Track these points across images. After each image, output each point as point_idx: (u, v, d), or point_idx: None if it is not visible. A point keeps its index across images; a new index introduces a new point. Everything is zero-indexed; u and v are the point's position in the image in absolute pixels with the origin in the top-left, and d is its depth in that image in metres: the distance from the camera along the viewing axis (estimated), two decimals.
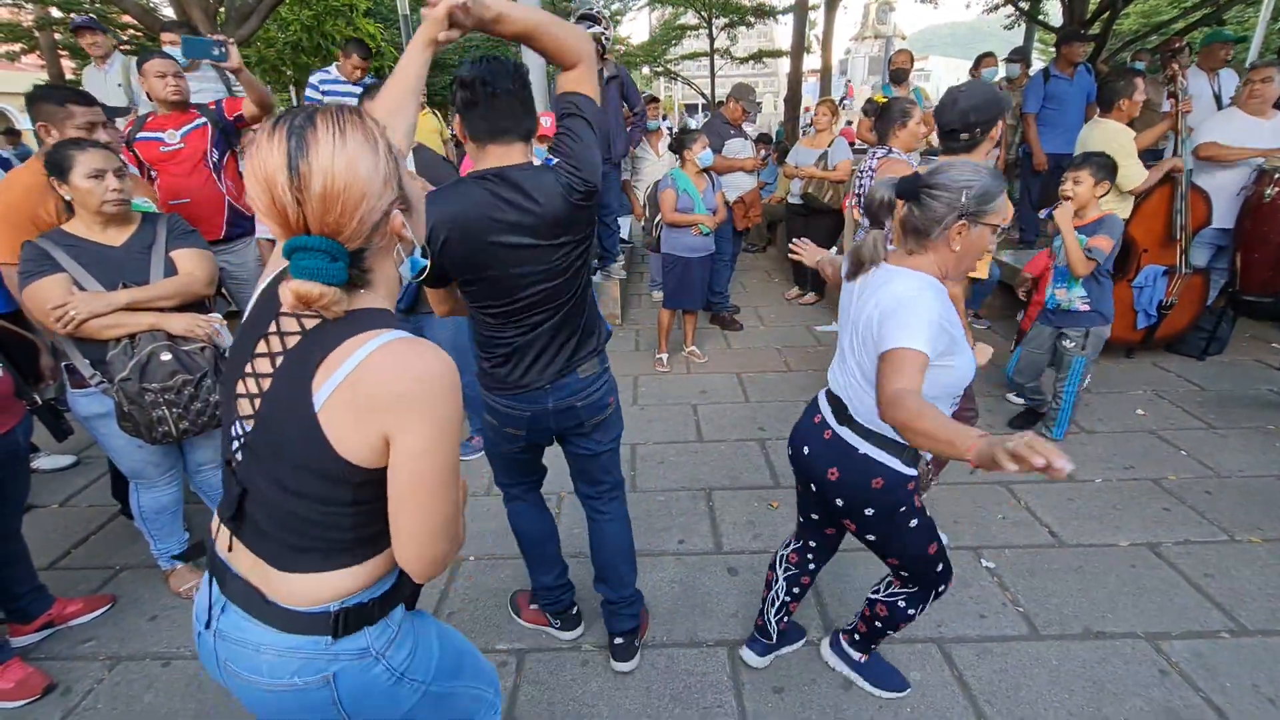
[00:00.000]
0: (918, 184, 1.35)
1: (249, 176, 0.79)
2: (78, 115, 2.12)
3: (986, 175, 1.32)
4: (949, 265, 1.38)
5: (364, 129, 0.81)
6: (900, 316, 1.29)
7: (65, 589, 2.25)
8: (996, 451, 0.92)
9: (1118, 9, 8.94)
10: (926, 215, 1.33)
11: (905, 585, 1.64)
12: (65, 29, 8.90)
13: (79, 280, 1.86)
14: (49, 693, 1.89)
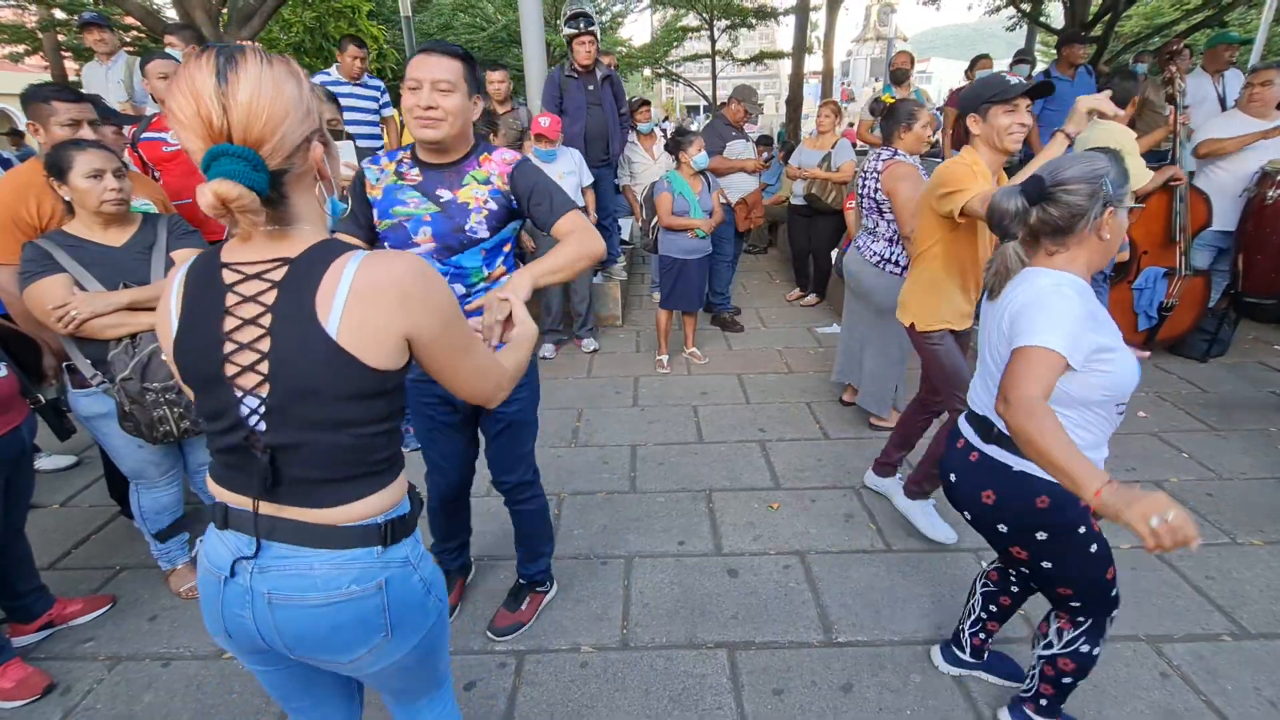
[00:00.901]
0: (1047, 185, 1.31)
1: (173, 91, 0.79)
2: (60, 111, 2.12)
3: (1111, 159, 1.30)
4: (1097, 257, 1.34)
5: (289, 66, 0.86)
6: (1037, 311, 1.23)
7: (66, 589, 2.25)
8: (1133, 517, 0.91)
9: (1119, 11, 8.95)
10: (1069, 212, 1.29)
11: (1076, 625, 1.48)
12: (69, 30, 8.93)
13: (80, 280, 1.87)
14: (49, 692, 1.89)
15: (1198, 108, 4.47)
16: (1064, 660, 1.52)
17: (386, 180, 1.67)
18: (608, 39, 17.00)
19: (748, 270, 6.49)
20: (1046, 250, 1.35)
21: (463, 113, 1.56)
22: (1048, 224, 1.32)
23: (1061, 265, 1.34)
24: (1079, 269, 1.33)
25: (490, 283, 1.68)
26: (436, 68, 1.51)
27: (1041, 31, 10.91)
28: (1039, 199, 1.32)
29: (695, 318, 4.38)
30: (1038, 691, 1.61)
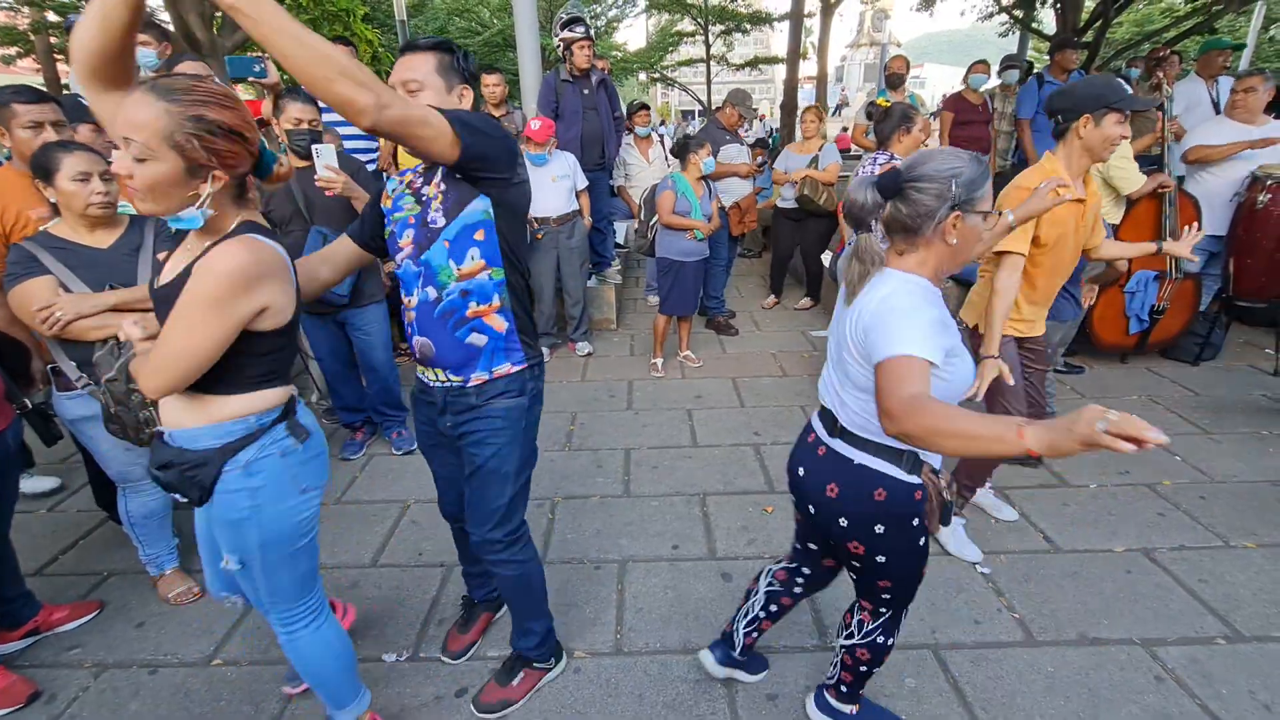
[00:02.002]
0: (900, 179, 1.26)
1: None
2: (21, 114, 2.11)
3: (970, 161, 1.25)
4: (945, 261, 1.29)
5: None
6: (895, 321, 1.19)
7: (52, 595, 2.22)
8: (1080, 434, 0.86)
9: (1110, 17, 9.02)
10: (917, 210, 1.24)
11: (876, 616, 1.53)
12: (61, 32, 8.90)
13: (65, 282, 1.85)
14: (33, 701, 1.86)
15: (1191, 112, 4.50)
16: (861, 650, 1.57)
17: (399, 189, 1.56)
18: (603, 44, 17.04)
19: (742, 274, 6.50)
20: (896, 249, 1.32)
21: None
22: (895, 221, 1.28)
23: (911, 267, 1.29)
24: (928, 272, 1.29)
25: (464, 281, 1.46)
26: (404, 68, 1.42)
27: (1034, 37, 10.99)
28: (893, 194, 1.27)
29: (690, 321, 4.38)
30: (839, 679, 1.68)
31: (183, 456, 1.28)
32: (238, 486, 1.31)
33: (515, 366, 1.56)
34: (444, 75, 1.45)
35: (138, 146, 1.11)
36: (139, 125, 1.10)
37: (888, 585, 1.46)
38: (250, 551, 1.37)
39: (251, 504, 1.32)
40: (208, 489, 1.30)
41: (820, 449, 1.45)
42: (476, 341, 1.51)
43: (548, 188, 4.05)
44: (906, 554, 1.41)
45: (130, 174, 1.12)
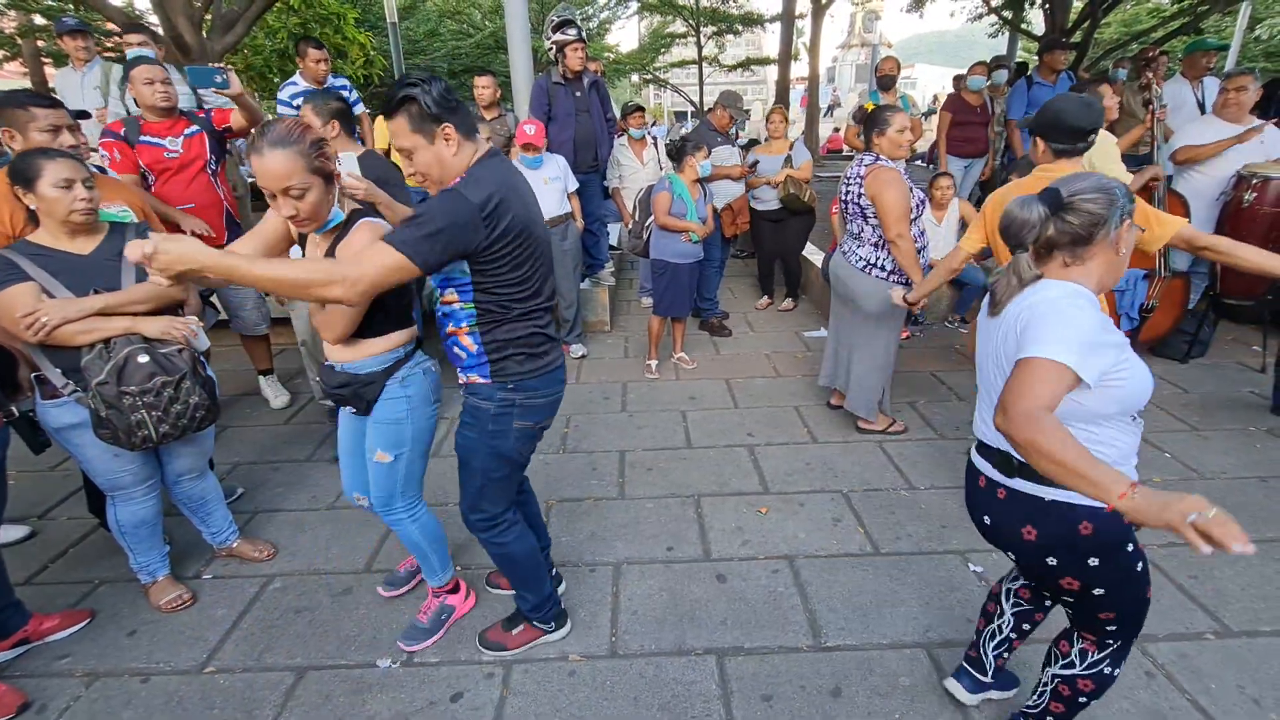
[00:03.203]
0: (1065, 195, 1.27)
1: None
2: (40, 118, 2.10)
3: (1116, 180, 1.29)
4: (1110, 272, 1.30)
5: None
6: (1050, 322, 1.17)
7: (43, 604, 2.20)
8: (1172, 516, 0.87)
9: (1098, 18, 9.10)
10: (1090, 220, 1.24)
11: (1103, 647, 1.44)
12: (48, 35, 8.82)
13: (48, 288, 1.84)
14: (23, 711, 1.85)
15: (1177, 112, 4.55)
16: (1084, 681, 1.47)
17: None
18: (595, 45, 17.04)
19: (735, 276, 6.51)
20: (1062, 262, 1.30)
21: (432, 161, 1.55)
22: (1066, 234, 1.27)
23: (1076, 278, 1.29)
24: (1092, 284, 1.29)
25: (445, 305, 1.68)
26: (392, 135, 1.53)
27: (1023, 38, 11.08)
28: (1059, 208, 1.28)
29: (684, 323, 4.39)
30: (1046, 709, 1.56)
31: (356, 378, 1.78)
32: (399, 395, 1.82)
33: (482, 380, 1.73)
34: (420, 129, 1.50)
35: (295, 189, 1.53)
36: (287, 173, 1.51)
37: (1111, 617, 1.39)
38: (404, 444, 1.86)
39: (409, 407, 1.84)
40: (374, 400, 1.80)
41: (999, 491, 1.38)
42: (458, 354, 1.73)
43: (540, 190, 4.04)
44: (1125, 582, 1.34)
45: (297, 211, 1.56)
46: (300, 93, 4.44)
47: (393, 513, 1.96)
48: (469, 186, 1.49)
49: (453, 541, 2.46)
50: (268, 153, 1.48)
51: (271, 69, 9.42)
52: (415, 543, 2.02)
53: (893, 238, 2.91)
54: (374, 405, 1.81)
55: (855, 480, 2.93)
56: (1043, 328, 1.17)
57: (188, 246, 1.23)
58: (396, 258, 1.40)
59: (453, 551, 2.32)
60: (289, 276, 1.33)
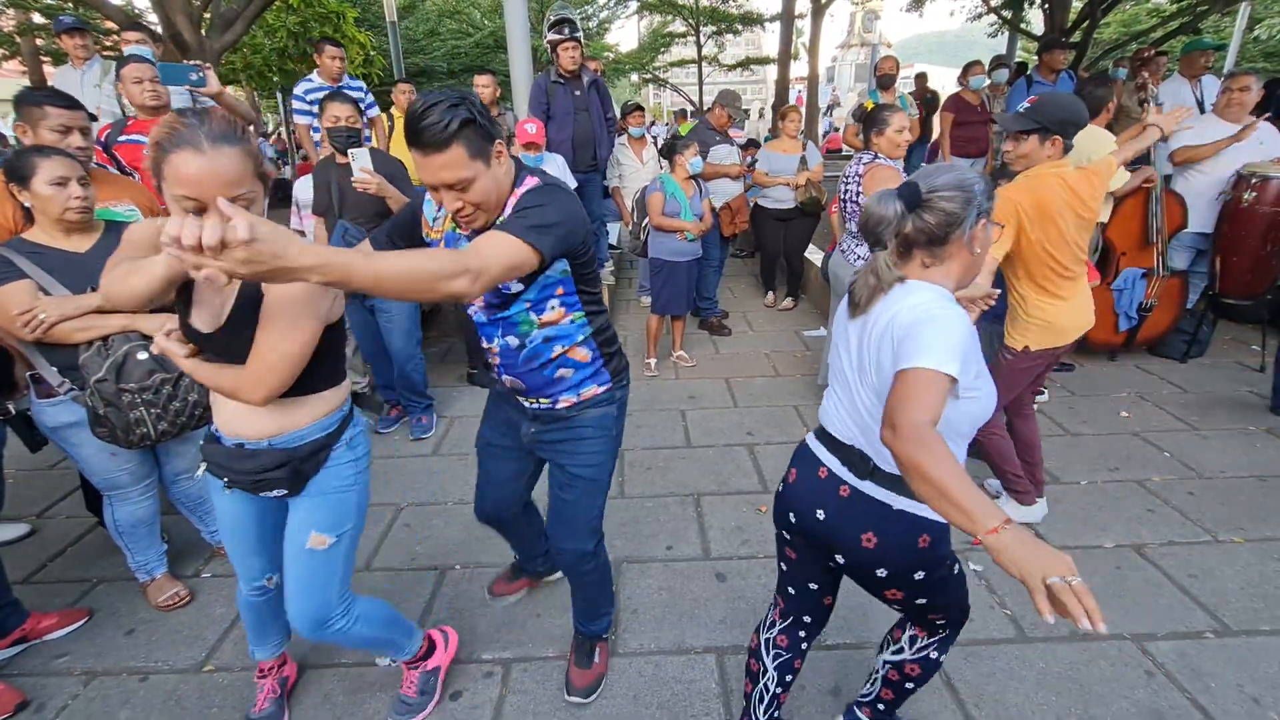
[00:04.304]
0: (923, 191, 1.23)
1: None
2: (53, 116, 2.10)
3: (977, 173, 1.26)
4: (967, 272, 1.28)
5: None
6: (929, 332, 1.13)
7: (41, 603, 2.20)
8: (1031, 569, 0.82)
9: (1097, 18, 9.11)
10: (946, 220, 1.21)
11: (933, 633, 1.45)
12: (47, 34, 8.81)
13: (44, 286, 1.83)
14: (21, 710, 1.84)
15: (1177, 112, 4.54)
16: (910, 665, 1.49)
17: (446, 224, 1.49)
18: (595, 45, 17.04)
19: (734, 275, 6.51)
20: (921, 262, 1.27)
21: (491, 189, 1.33)
22: (923, 232, 1.23)
23: (937, 279, 1.26)
24: (951, 284, 1.27)
25: (546, 329, 1.50)
26: (441, 169, 1.26)
27: (1022, 38, 11.09)
28: (917, 204, 1.24)
29: (684, 321, 4.39)
30: (877, 696, 1.59)
31: (296, 454, 1.42)
32: (345, 460, 1.51)
33: (602, 387, 1.63)
34: (480, 153, 1.28)
35: (245, 198, 1.18)
36: (239, 177, 1.17)
37: (938, 616, 1.40)
38: (349, 519, 1.53)
39: (355, 472, 1.53)
40: (314, 474, 1.47)
41: (842, 489, 1.31)
42: (564, 375, 1.57)
43: None
44: (947, 588, 1.35)
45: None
46: (315, 89, 4.45)
47: (329, 626, 1.53)
48: (550, 181, 1.40)
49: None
50: (213, 150, 1.12)
51: (270, 68, 9.40)
52: (369, 639, 1.66)
53: None
54: (307, 480, 1.47)
55: None
56: (922, 338, 1.12)
57: (285, 239, 0.90)
58: (521, 248, 1.23)
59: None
60: (418, 268, 1.08)
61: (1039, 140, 2.18)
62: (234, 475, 1.44)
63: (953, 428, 1.22)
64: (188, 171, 1.11)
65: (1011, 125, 2.20)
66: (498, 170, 1.34)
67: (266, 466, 1.40)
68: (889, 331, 1.20)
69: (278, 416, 1.39)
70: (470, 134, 1.25)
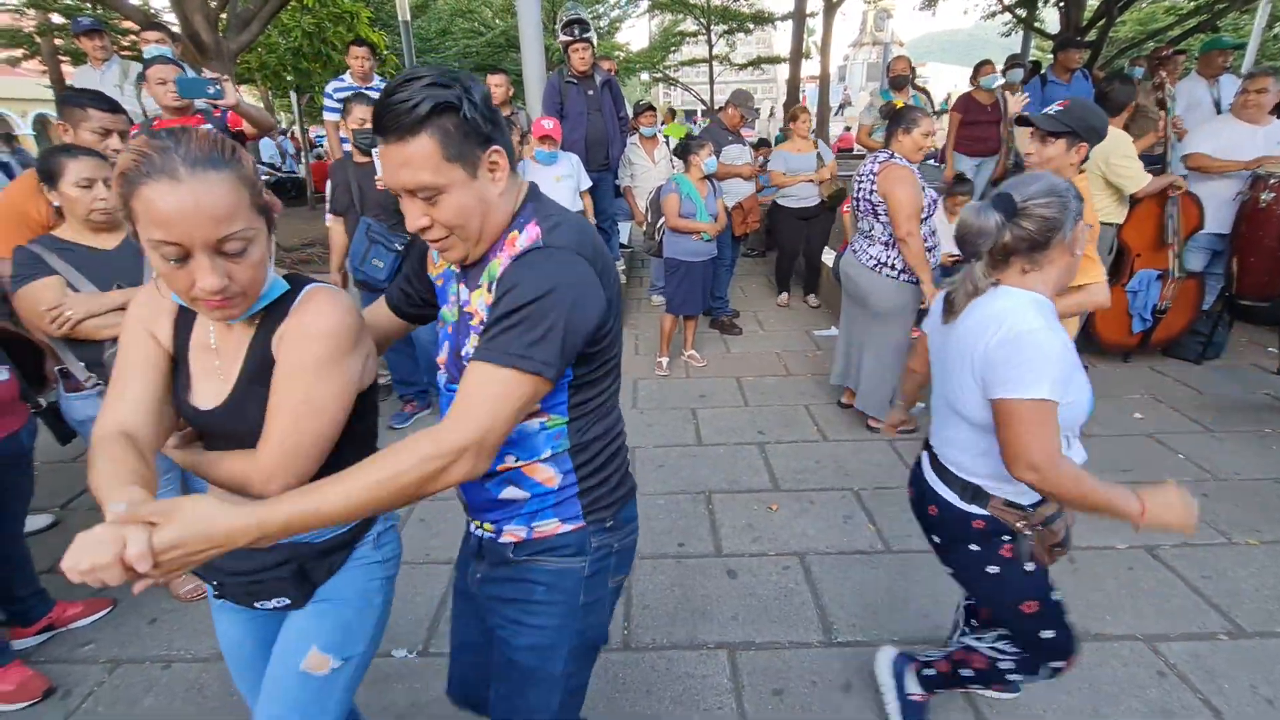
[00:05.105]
0: (1019, 201, 1.26)
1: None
2: (94, 118, 2.16)
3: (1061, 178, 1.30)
4: (1065, 276, 1.31)
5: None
6: (1026, 357, 1.17)
7: (66, 592, 2.24)
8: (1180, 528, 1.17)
9: (1114, 16, 9.03)
10: (1047, 225, 1.24)
11: (1019, 648, 1.48)
12: (66, 34, 8.94)
13: (72, 283, 1.87)
14: (49, 696, 1.89)
15: (1193, 112, 4.51)
16: (978, 657, 1.53)
17: (444, 263, 1.13)
18: (605, 44, 17.06)
19: (745, 274, 6.52)
20: (1020, 269, 1.30)
21: (473, 210, 0.94)
22: (1024, 240, 1.27)
23: (1034, 284, 1.29)
24: (1050, 289, 1.30)
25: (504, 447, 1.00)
26: (398, 169, 0.91)
27: (1037, 37, 11.00)
28: (1012, 215, 1.27)
29: (696, 321, 4.41)
30: (933, 663, 1.66)
31: (305, 550, 1.07)
32: (370, 561, 1.16)
33: (566, 524, 1.09)
34: (460, 156, 0.91)
35: (237, 239, 0.89)
36: (230, 212, 0.87)
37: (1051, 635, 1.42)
38: (363, 639, 1.16)
39: (382, 578, 1.19)
40: (325, 578, 1.12)
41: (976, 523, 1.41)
42: (510, 495, 1.08)
43: (552, 188, 4.07)
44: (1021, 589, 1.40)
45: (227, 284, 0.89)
46: (345, 89, 4.52)
47: None
48: (561, 236, 0.96)
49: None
50: (193, 179, 0.84)
51: (285, 67, 9.49)
52: None
53: (902, 236, 2.91)
54: (323, 583, 1.12)
55: (866, 478, 2.93)
56: (1017, 366, 1.18)
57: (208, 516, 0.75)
58: (520, 381, 0.89)
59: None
60: (391, 483, 0.83)
61: (1066, 145, 2.16)
62: (224, 578, 1.09)
63: None
64: (163, 208, 0.83)
65: (1044, 125, 2.17)
66: (488, 187, 0.95)
67: (264, 565, 1.06)
68: (981, 335, 1.26)
69: None
70: (449, 126, 0.89)
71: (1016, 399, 1.18)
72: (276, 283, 1.00)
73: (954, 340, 1.35)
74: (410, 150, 0.89)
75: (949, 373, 1.38)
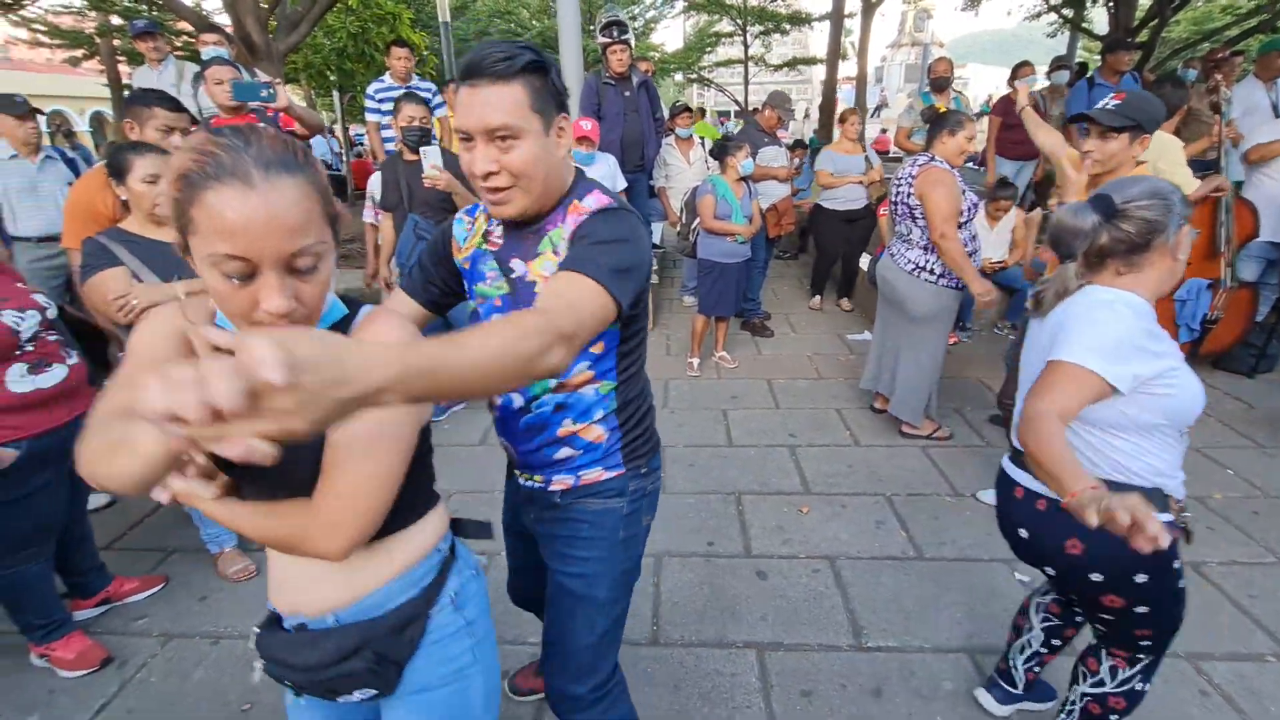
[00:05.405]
0: (1119, 202, 1.24)
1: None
2: (159, 117, 2.28)
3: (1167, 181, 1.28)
4: (1167, 280, 1.28)
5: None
6: (1082, 325, 1.17)
7: (121, 569, 2.36)
8: (1086, 509, 0.90)
9: (1167, 17, 8.73)
10: (1148, 228, 1.22)
11: (1133, 663, 1.42)
12: (124, 35, 9.31)
13: (136, 273, 1.97)
14: (106, 665, 1.99)
15: (1249, 115, 4.35)
16: (1116, 699, 1.45)
17: (473, 242, 1.19)
18: (640, 45, 17.11)
19: (778, 276, 6.48)
20: (1115, 271, 1.28)
21: (540, 163, 1.01)
22: (1121, 242, 1.24)
23: (1128, 286, 1.27)
24: (1146, 291, 1.27)
25: (562, 394, 1.16)
26: (486, 107, 0.96)
27: (1084, 37, 10.69)
28: (1111, 216, 1.25)
29: (728, 322, 4.41)
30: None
31: (376, 628, 0.92)
32: (454, 627, 0.99)
33: (610, 473, 1.23)
34: (541, 108, 1.00)
35: (310, 253, 0.76)
36: (303, 223, 0.75)
37: (1148, 634, 1.37)
38: (476, 712, 1.02)
39: (472, 643, 1.01)
40: (408, 656, 0.95)
41: (1039, 502, 1.33)
42: (564, 454, 1.21)
43: None
44: (1169, 600, 1.33)
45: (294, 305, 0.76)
46: (386, 89, 4.65)
47: None
48: (621, 202, 1.11)
49: None
50: (267, 184, 0.72)
51: (329, 67, 9.74)
52: None
53: (936, 238, 2.86)
54: (408, 663, 0.96)
55: (898, 484, 2.91)
56: (1075, 331, 1.18)
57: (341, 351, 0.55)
58: (605, 298, 0.92)
59: None
60: (509, 349, 0.73)
61: (1129, 139, 2.10)
62: (298, 675, 0.93)
63: (1134, 424, 1.24)
64: (232, 217, 0.71)
65: (1106, 120, 2.09)
66: (554, 149, 1.03)
67: (337, 656, 0.91)
68: (1060, 323, 1.26)
69: (344, 572, 0.91)
70: (538, 82, 0.98)
71: (1057, 358, 1.17)
72: (335, 304, 0.89)
73: (1041, 335, 1.34)
74: (502, 92, 0.97)
75: (1034, 366, 1.36)
